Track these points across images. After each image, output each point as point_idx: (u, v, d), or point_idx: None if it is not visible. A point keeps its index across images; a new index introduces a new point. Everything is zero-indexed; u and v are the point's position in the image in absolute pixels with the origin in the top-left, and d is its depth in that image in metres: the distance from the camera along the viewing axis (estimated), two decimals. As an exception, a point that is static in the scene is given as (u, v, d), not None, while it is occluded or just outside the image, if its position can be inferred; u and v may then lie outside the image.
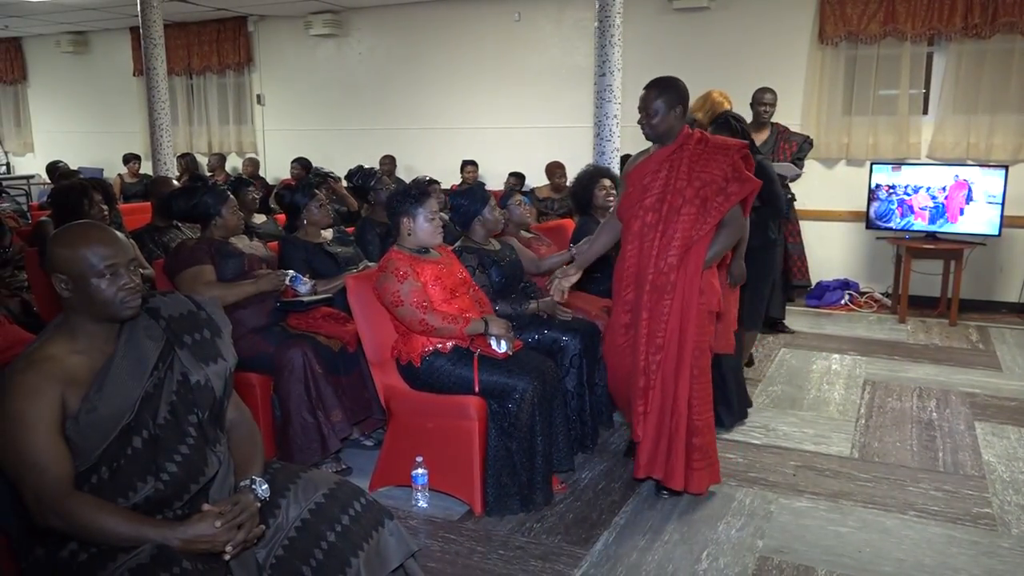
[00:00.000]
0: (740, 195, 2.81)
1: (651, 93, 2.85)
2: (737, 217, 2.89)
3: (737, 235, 2.95)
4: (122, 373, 1.69)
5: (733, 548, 2.70)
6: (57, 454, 1.59)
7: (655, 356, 2.83)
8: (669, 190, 2.82)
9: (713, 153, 2.83)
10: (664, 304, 2.81)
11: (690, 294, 2.81)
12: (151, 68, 6.57)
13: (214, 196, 3.40)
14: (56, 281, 1.69)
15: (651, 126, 2.86)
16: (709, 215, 2.78)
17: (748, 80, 5.69)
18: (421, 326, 2.91)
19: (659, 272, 2.81)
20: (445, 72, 8.16)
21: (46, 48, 10.54)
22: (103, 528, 1.56)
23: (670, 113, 2.84)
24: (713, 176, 2.78)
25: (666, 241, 2.80)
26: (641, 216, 2.87)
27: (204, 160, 9.25)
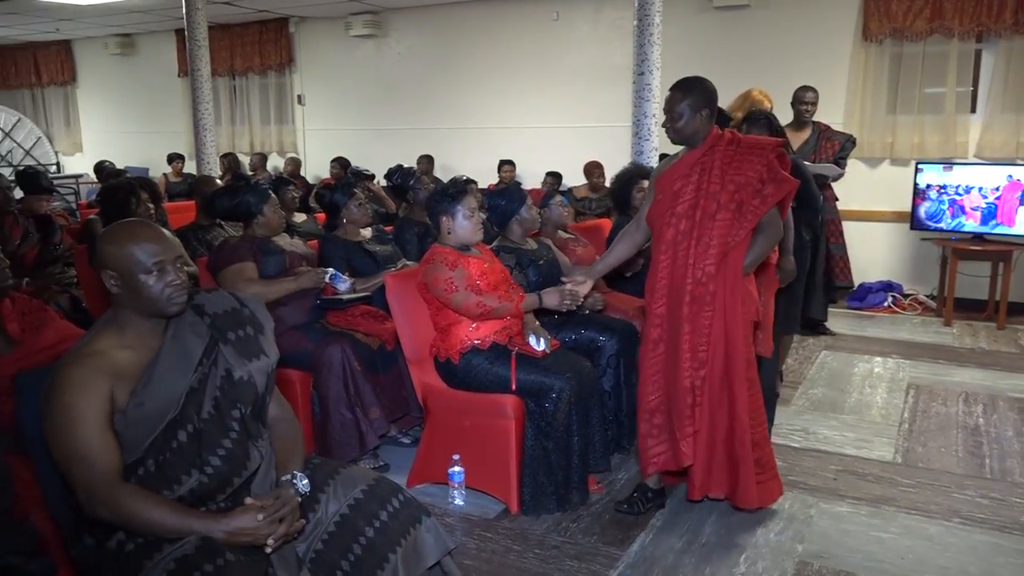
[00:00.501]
0: (777, 196, 2.66)
1: (676, 95, 2.72)
2: (775, 219, 2.76)
3: (776, 238, 2.82)
4: (168, 368, 1.73)
5: (772, 552, 2.67)
6: (106, 446, 1.63)
7: (699, 372, 2.67)
8: (702, 195, 2.67)
9: (746, 154, 2.68)
10: (705, 316, 2.66)
11: (733, 303, 2.67)
12: (196, 69, 6.70)
13: (256, 195, 3.46)
14: (106, 277, 1.73)
15: (675, 130, 2.72)
16: (745, 219, 2.64)
17: (789, 79, 5.61)
18: (479, 308, 2.93)
19: (697, 282, 2.66)
20: (483, 72, 8.19)
21: (95, 50, 10.80)
22: (150, 519, 1.59)
23: (696, 116, 2.69)
24: (748, 178, 2.63)
25: (702, 249, 2.65)
26: (674, 224, 2.71)
27: (246, 159, 9.40)
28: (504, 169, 7.79)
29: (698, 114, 2.69)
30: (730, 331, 2.67)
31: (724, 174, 2.66)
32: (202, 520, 1.62)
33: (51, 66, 11.21)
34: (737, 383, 2.68)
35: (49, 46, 11.11)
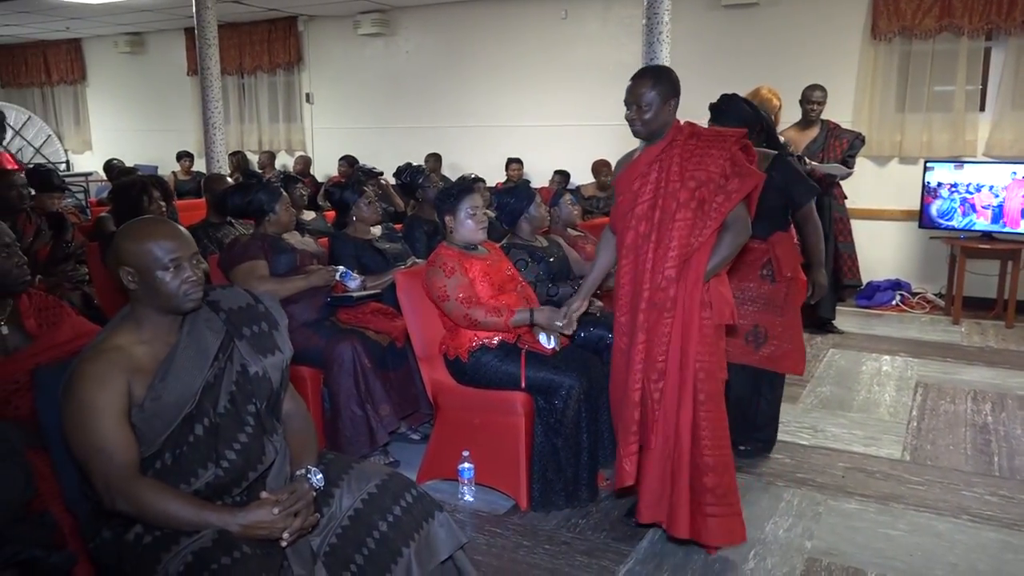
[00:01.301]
0: (742, 192, 2.41)
1: (643, 83, 2.48)
2: (741, 217, 2.49)
3: (742, 238, 2.52)
4: (185, 363, 1.75)
5: (781, 548, 2.68)
6: (124, 440, 1.65)
7: (656, 384, 2.45)
8: (661, 194, 2.46)
9: (707, 147, 2.45)
10: (664, 323, 2.43)
11: (691, 309, 2.43)
12: (205, 68, 6.72)
13: (268, 193, 3.48)
14: (123, 274, 1.75)
15: (644, 122, 2.48)
16: (709, 218, 2.41)
17: (798, 77, 5.61)
18: (466, 320, 2.95)
19: (656, 288, 2.44)
20: (491, 70, 8.20)
21: (104, 49, 10.85)
22: (167, 512, 1.62)
23: (665, 107, 2.47)
24: (710, 173, 2.41)
25: (662, 252, 2.43)
26: (633, 226, 2.51)
27: (254, 158, 9.44)
28: (512, 167, 7.80)
29: (667, 104, 2.48)
30: (686, 339, 2.44)
31: (684, 170, 2.45)
32: (218, 513, 1.65)
33: (61, 65, 11.27)
34: (684, 394, 2.44)
35: (59, 45, 11.17)
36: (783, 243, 3.19)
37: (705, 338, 2.45)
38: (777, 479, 3.21)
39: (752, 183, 2.44)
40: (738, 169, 2.42)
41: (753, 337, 3.22)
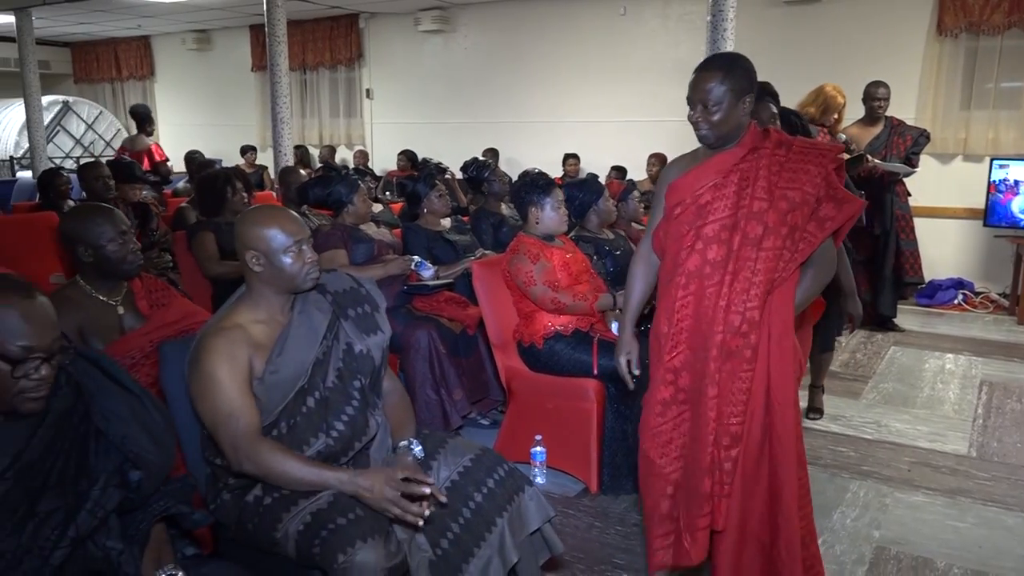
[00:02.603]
0: (837, 222, 2.02)
1: (711, 76, 2.01)
2: (828, 249, 2.09)
3: (828, 275, 2.14)
4: (299, 340, 1.89)
5: (849, 537, 2.74)
6: (248, 406, 1.80)
7: (730, 451, 2.00)
8: (743, 214, 2.00)
9: (801, 161, 2.02)
10: (741, 376, 1.99)
11: (781, 360, 2.02)
12: (274, 64, 6.92)
13: (347, 185, 3.64)
14: (249, 256, 1.90)
15: (712, 124, 2.02)
16: (798, 249, 2.00)
17: (861, 74, 5.59)
18: (553, 304, 3.06)
19: (733, 331, 1.98)
20: (549, 66, 8.29)
21: (172, 46, 11.22)
22: (289, 472, 1.75)
23: (739, 105, 2.02)
24: (805, 194, 1.99)
25: (741, 287, 1.98)
26: (700, 250, 2.03)
27: (315, 152, 9.68)
28: (569, 163, 7.89)
29: (740, 103, 2.02)
30: (777, 396, 2.01)
31: (773, 187, 2.01)
32: (336, 474, 1.77)
33: (131, 61, 11.68)
34: (785, 466, 2.00)
35: (130, 42, 11.58)
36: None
37: (794, 391, 2.06)
38: (842, 471, 3.26)
39: (849, 213, 2.02)
40: (833, 193, 2.02)
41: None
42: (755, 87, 2.08)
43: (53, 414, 1.44)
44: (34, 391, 1.39)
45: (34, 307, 1.41)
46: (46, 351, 1.40)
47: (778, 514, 2.03)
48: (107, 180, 4.73)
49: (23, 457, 1.37)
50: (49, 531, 1.35)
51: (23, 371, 1.37)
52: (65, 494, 1.40)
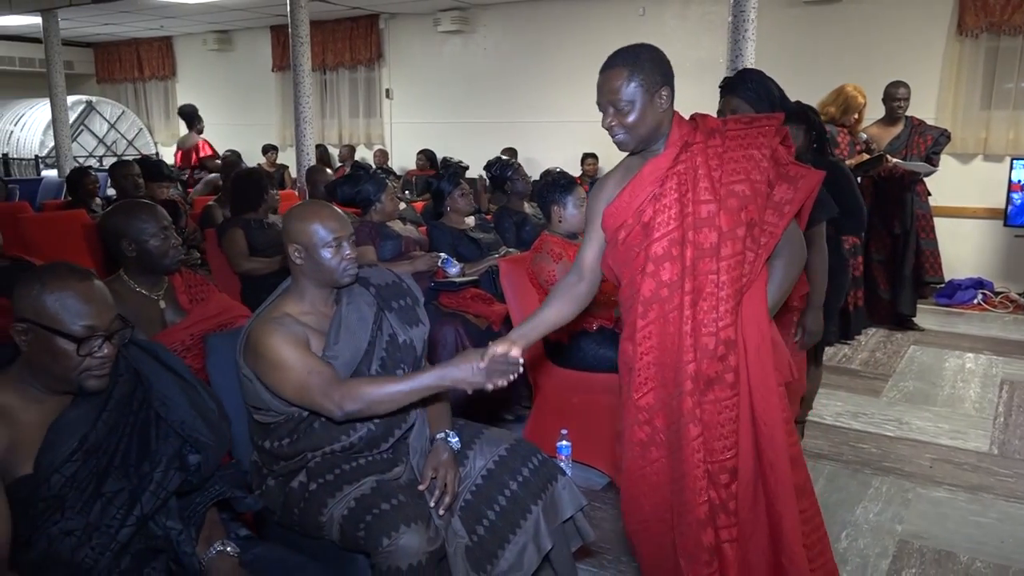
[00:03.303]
0: (797, 202, 1.80)
1: (615, 76, 1.78)
2: (793, 236, 1.87)
3: (800, 261, 1.92)
4: (352, 328, 1.96)
5: (872, 530, 2.78)
6: (320, 360, 1.86)
7: (730, 487, 1.76)
8: (690, 223, 1.75)
9: (741, 146, 1.78)
10: (727, 404, 1.74)
11: (764, 373, 1.77)
12: (297, 64, 7.01)
13: (375, 184, 3.71)
14: (291, 250, 1.96)
15: (628, 127, 1.79)
16: (761, 246, 1.77)
17: (881, 74, 5.61)
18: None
19: (708, 356, 1.73)
20: (568, 66, 8.34)
21: (194, 46, 11.34)
22: (388, 391, 1.83)
23: (653, 101, 1.77)
24: (755, 183, 1.75)
25: (708, 304, 1.74)
26: (652, 272, 1.78)
27: (334, 151, 9.77)
28: (587, 162, 7.94)
29: (656, 97, 1.78)
30: (763, 417, 1.76)
31: (717, 184, 1.76)
32: (428, 375, 1.86)
33: (153, 61, 11.82)
34: (783, 499, 1.75)
35: (152, 42, 11.72)
36: None
37: (784, 409, 1.79)
38: (864, 467, 3.29)
39: (807, 188, 1.81)
40: (785, 171, 1.81)
41: None
42: (670, 77, 1.81)
43: (115, 399, 1.51)
44: (98, 369, 1.46)
45: (93, 289, 1.50)
46: (107, 330, 1.48)
47: (781, 553, 1.77)
48: (136, 178, 4.82)
49: (89, 439, 1.44)
50: (115, 510, 1.42)
51: (88, 349, 1.44)
52: (129, 476, 1.47)
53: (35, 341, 1.42)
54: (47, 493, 1.37)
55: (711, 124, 1.83)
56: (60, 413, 1.45)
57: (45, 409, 1.45)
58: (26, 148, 10.74)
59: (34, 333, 1.42)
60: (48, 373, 1.44)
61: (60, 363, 1.42)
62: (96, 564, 1.38)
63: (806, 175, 1.82)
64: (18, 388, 1.45)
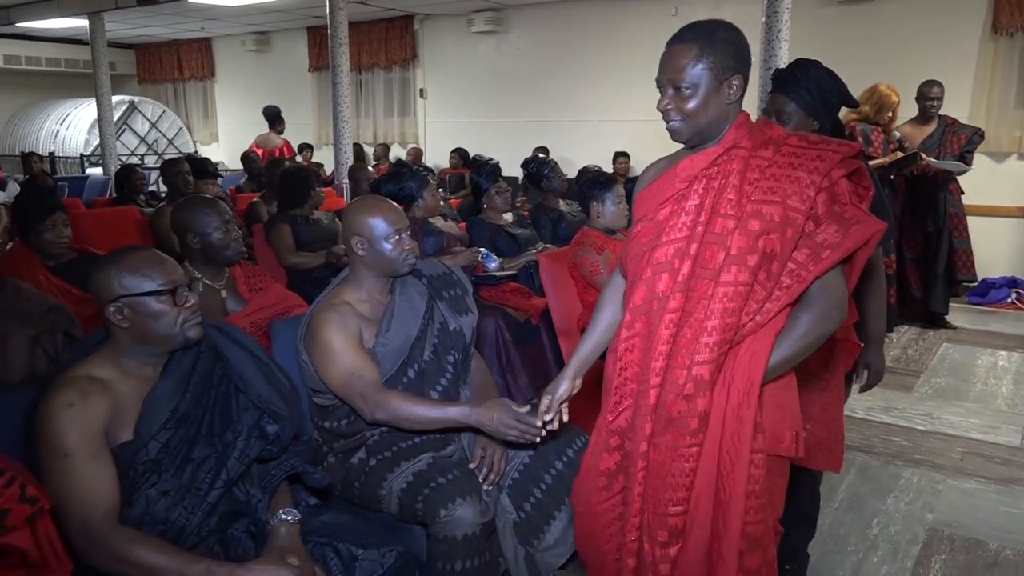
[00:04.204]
0: (843, 250, 1.47)
1: (685, 51, 1.52)
2: (834, 292, 1.51)
3: (830, 323, 1.53)
4: (404, 316, 2.09)
5: (903, 519, 2.86)
6: (367, 363, 1.99)
7: (666, 548, 1.53)
8: (699, 234, 1.52)
9: (790, 165, 1.50)
10: (684, 453, 1.51)
11: (738, 435, 1.49)
12: (336, 65, 7.17)
13: (417, 180, 3.85)
14: (354, 242, 2.09)
15: (686, 113, 1.54)
16: (780, 287, 1.49)
17: (915, 73, 5.64)
18: None
19: (674, 391, 1.50)
20: (600, 66, 8.44)
21: (232, 47, 11.60)
22: (416, 412, 1.93)
23: (721, 89, 1.53)
24: (788, 211, 1.47)
25: (692, 332, 1.50)
26: (649, 279, 1.57)
27: (369, 149, 9.95)
28: (619, 161, 8.03)
29: (725, 86, 1.54)
30: (726, 484, 1.50)
31: (744, 198, 1.50)
32: (458, 409, 1.95)
33: (193, 62, 12.10)
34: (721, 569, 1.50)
35: (191, 43, 12.00)
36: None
37: (754, 481, 1.50)
38: (895, 459, 3.36)
39: (861, 237, 1.47)
40: (839, 209, 1.50)
41: None
42: (746, 65, 1.57)
43: (198, 373, 1.65)
44: (192, 318, 1.64)
45: (156, 253, 1.69)
46: (184, 281, 1.66)
47: None
48: (187, 176, 5.01)
49: (179, 409, 1.58)
50: (204, 474, 1.56)
51: (181, 299, 1.62)
52: (214, 444, 1.61)
53: (132, 314, 1.57)
54: (145, 458, 1.51)
55: (771, 133, 1.57)
56: (153, 386, 1.59)
57: (138, 383, 1.59)
58: (72, 147, 11.06)
59: (129, 307, 1.57)
60: (153, 337, 1.60)
61: (162, 321, 1.59)
62: (188, 523, 1.52)
63: (863, 222, 1.47)
64: (113, 365, 1.60)
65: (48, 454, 1.46)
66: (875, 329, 2.28)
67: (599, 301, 1.87)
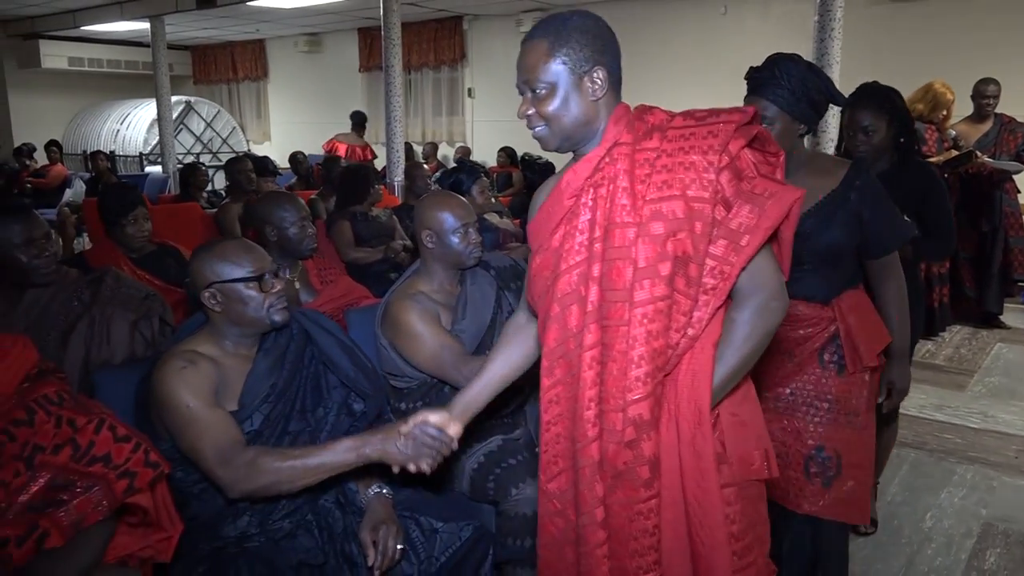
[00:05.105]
0: (763, 229, 1.28)
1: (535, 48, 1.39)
2: (766, 278, 1.33)
3: (773, 318, 1.34)
4: (477, 305, 2.20)
5: (957, 513, 2.89)
6: (450, 337, 2.10)
7: None
8: (598, 252, 1.32)
9: (680, 149, 1.31)
10: (641, 509, 1.30)
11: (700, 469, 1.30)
12: (389, 65, 7.32)
13: (468, 174, 3.97)
14: (424, 235, 2.21)
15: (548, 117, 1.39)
16: (704, 289, 1.30)
17: (969, 71, 5.59)
18: None
19: (615, 439, 1.29)
20: (648, 65, 8.47)
21: (285, 48, 11.89)
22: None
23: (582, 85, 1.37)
24: (690, 203, 1.28)
25: (617, 366, 1.29)
26: (558, 316, 1.37)
27: (417, 148, 10.11)
28: (666, 160, 8.07)
29: (585, 80, 1.37)
30: (699, 534, 1.31)
31: (639, 199, 1.30)
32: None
33: (247, 63, 12.44)
34: None
35: (245, 45, 12.33)
36: (859, 308, 1.97)
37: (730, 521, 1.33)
38: (949, 456, 3.38)
39: (779, 211, 1.28)
40: (748, 186, 1.31)
41: (819, 467, 1.91)
42: (607, 54, 1.40)
43: (292, 353, 1.79)
44: (278, 303, 1.75)
45: (245, 242, 1.82)
46: (271, 269, 1.77)
47: None
48: (250, 173, 5.19)
49: (277, 386, 1.72)
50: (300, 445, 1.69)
51: (268, 285, 1.73)
52: (307, 419, 1.74)
53: (224, 299, 1.71)
54: (250, 428, 1.65)
55: (653, 120, 1.37)
56: (254, 363, 1.73)
57: (236, 361, 1.73)
58: (131, 146, 11.44)
59: (222, 292, 1.71)
60: (243, 320, 1.73)
61: (251, 305, 1.71)
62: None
63: (777, 192, 1.29)
64: (213, 344, 1.73)
65: (171, 412, 1.59)
66: (897, 342, 2.03)
67: (498, 343, 1.66)
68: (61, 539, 1.25)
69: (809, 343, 1.94)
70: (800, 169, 1.90)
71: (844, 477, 1.90)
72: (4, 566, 1.23)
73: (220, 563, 1.57)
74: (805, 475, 1.91)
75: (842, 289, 1.95)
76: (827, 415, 1.92)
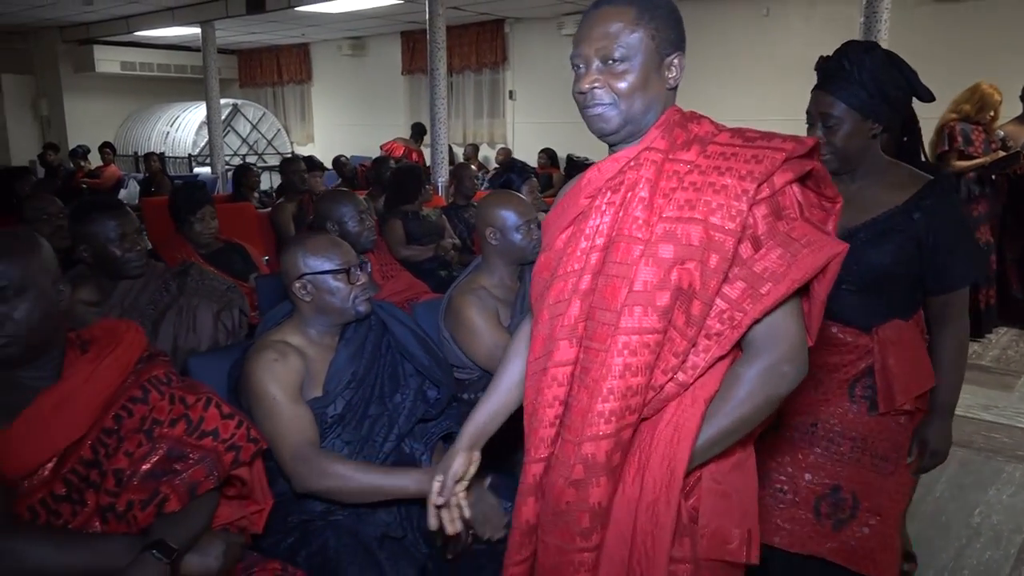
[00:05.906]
0: (791, 282, 1.11)
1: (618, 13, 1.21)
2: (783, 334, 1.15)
3: (786, 381, 1.16)
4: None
5: (1005, 509, 2.92)
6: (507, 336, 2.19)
7: None
8: (594, 264, 1.20)
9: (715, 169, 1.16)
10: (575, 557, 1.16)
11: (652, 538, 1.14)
12: (434, 68, 7.45)
13: (518, 174, 4.08)
14: (488, 232, 2.31)
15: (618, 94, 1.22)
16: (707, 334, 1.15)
17: (1018, 71, 5.56)
18: None
19: (564, 475, 1.16)
20: (691, 67, 8.24)
21: (329, 52, 12.11)
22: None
23: (662, 68, 1.24)
24: (710, 231, 1.12)
25: (587, 395, 1.16)
26: (543, 329, 1.26)
27: (458, 150, 10.26)
28: (708, 161, 8.10)
29: (666, 63, 1.25)
30: None
31: (655, 214, 1.17)
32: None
33: (291, 66, 12.69)
34: None
35: (291, 49, 12.58)
36: (904, 343, 1.70)
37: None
38: (997, 455, 3.40)
39: (812, 264, 1.12)
40: (786, 227, 1.15)
41: (831, 507, 1.71)
42: (683, 37, 1.27)
43: (371, 342, 1.90)
44: (363, 294, 1.86)
45: (333, 238, 1.94)
46: (356, 263, 1.89)
47: None
48: (303, 174, 5.36)
49: (358, 373, 1.84)
50: (379, 429, 1.81)
51: (354, 278, 1.85)
52: (385, 404, 1.86)
53: (315, 289, 1.83)
54: (333, 412, 1.76)
55: (697, 130, 1.23)
56: (336, 351, 1.85)
57: (321, 349, 1.85)
58: (180, 147, 11.74)
59: (312, 283, 1.83)
60: (330, 310, 1.85)
61: (338, 296, 1.84)
62: (367, 469, 1.76)
63: (817, 242, 1.12)
64: (300, 333, 1.86)
65: (257, 400, 1.72)
66: (944, 396, 1.75)
67: (506, 354, 1.47)
68: (178, 504, 1.37)
69: (840, 372, 1.70)
70: (870, 177, 1.69)
71: (859, 522, 1.67)
72: (129, 527, 1.36)
73: (309, 533, 1.69)
74: (815, 515, 1.69)
75: (888, 317, 1.68)
76: (850, 454, 1.69)
